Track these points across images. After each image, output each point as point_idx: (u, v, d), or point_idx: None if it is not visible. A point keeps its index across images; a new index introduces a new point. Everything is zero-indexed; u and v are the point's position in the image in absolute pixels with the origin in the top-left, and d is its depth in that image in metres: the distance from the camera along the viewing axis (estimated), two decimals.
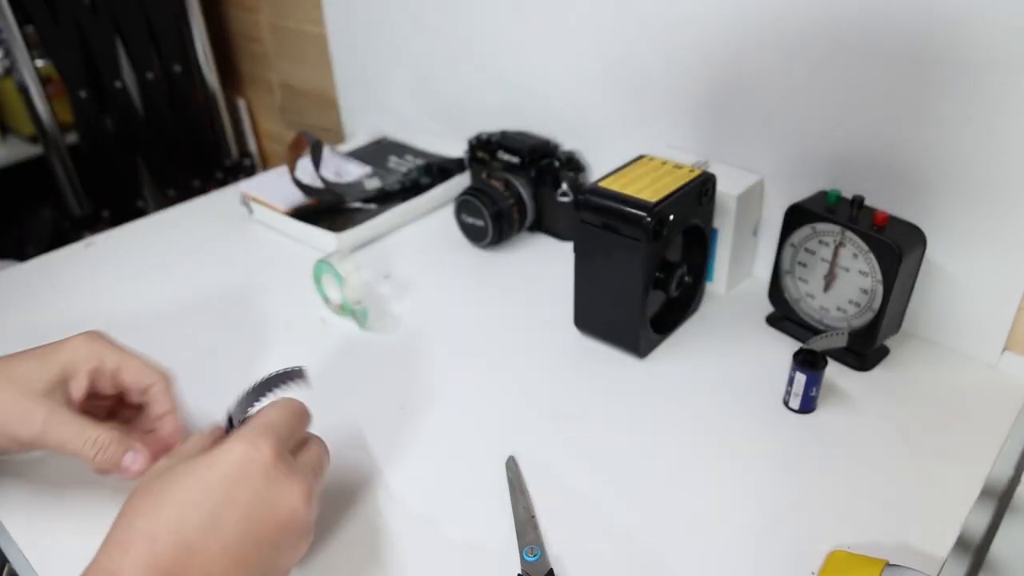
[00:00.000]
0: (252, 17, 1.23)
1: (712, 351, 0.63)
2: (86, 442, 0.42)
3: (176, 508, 0.36)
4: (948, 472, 0.51)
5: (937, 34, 0.53)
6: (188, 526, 0.35)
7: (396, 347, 0.65)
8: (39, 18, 1.14)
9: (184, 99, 1.34)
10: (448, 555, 0.46)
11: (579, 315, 0.64)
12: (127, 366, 0.45)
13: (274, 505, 0.37)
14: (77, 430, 0.42)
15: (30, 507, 0.50)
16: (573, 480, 0.51)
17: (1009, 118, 0.52)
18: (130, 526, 0.35)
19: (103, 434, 0.42)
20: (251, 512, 0.36)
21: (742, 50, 0.64)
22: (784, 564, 0.45)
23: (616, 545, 0.46)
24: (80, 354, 0.44)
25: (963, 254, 0.58)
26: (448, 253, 0.79)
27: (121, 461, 0.43)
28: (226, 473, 0.37)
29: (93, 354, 0.44)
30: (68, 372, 0.44)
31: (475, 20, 0.84)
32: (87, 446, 0.42)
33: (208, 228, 0.85)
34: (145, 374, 0.45)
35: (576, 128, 0.81)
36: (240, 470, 0.37)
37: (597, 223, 0.57)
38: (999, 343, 0.59)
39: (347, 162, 0.92)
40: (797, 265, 0.61)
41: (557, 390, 0.59)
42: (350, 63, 1.05)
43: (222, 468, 0.37)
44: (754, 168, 0.68)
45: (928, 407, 0.57)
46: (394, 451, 0.54)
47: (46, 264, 0.78)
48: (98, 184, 1.29)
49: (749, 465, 0.52)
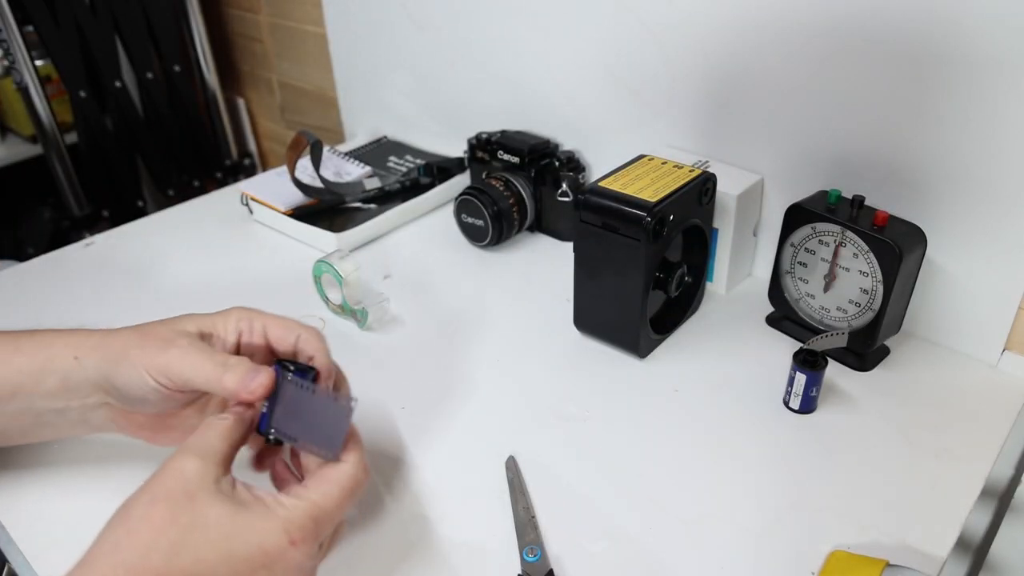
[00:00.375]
0: (252, 17, 1.23)
1: (712, 351, 0.63)
2: (213, 363, 0.42)
3: (190, 567, 0.34)
4: (948, 472, 0.51)
5: (937, 34, 0.53)
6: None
7: (396, 347, 0.65)
8: (39, 18, 1.14)
9: (184, 99, 1.34)
10: (448, 555, 0.46)
11: (579, 315, 0.64)
12: (273, 323, 0.46)
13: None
14: (205, 357, 0.42)
15: (30, 507, 0.50)
16: (573, 480, 0.51)
17: (1009, 118, 0.52)
18: (143, 557, 0.34)
19: (230, 357, 0.42)
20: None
21: (742, 50, 0.64)
22: (784, 564, 0.45)
23: (616, 545, 0.46)
24: (231, 315, 0.46)
25: (963, 254, 0.58)
26: (448, 253, 0.79)
27: (246, 379, 0.41)
28: (249, 556, 0.35)
29: (243, 316, 0.46)
30: (218, 328, 0.45)
31: (475, 20, 0.84)
32: (213, 367, 0.42)
33: (208, 228, 0.85)
34: (291, 327, 0.46)
35: (576, 128, 0.81)
36: (265, 556, 0.35)
37: (597, 223, 0.57)
38: (999, 343, 0.59)
39: (347, 162, 0.92)
40: (797, 265, 0.61)
41: (557, 390, 0.59)
42: (350, 63, 1.05)
43: (247, 550, 0.35)
44: (754, 168, 0.68)
45: (928, 407, 0.57)
46: (394, 451, 0.54)
47: (46, 264, 0.78)
48: (98, 184, 1.29)
49: (749, 465, 0.52)
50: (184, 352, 0.42)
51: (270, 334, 0.45)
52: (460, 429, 0.56)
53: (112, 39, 1.23)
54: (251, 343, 0.45)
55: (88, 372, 0.44)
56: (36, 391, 0.45)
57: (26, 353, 0.45)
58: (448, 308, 0.70)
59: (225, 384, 0.41)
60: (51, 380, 0.44)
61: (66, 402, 0.45)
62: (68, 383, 0.45)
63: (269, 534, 0.36)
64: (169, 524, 0.34)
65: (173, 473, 0.36)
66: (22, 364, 0.45)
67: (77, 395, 0.45)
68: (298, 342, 0.45)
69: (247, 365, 0.42)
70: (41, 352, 0.45)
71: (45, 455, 0.53)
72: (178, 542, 0.34)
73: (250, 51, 1.30)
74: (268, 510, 0.37)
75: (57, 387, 0.45)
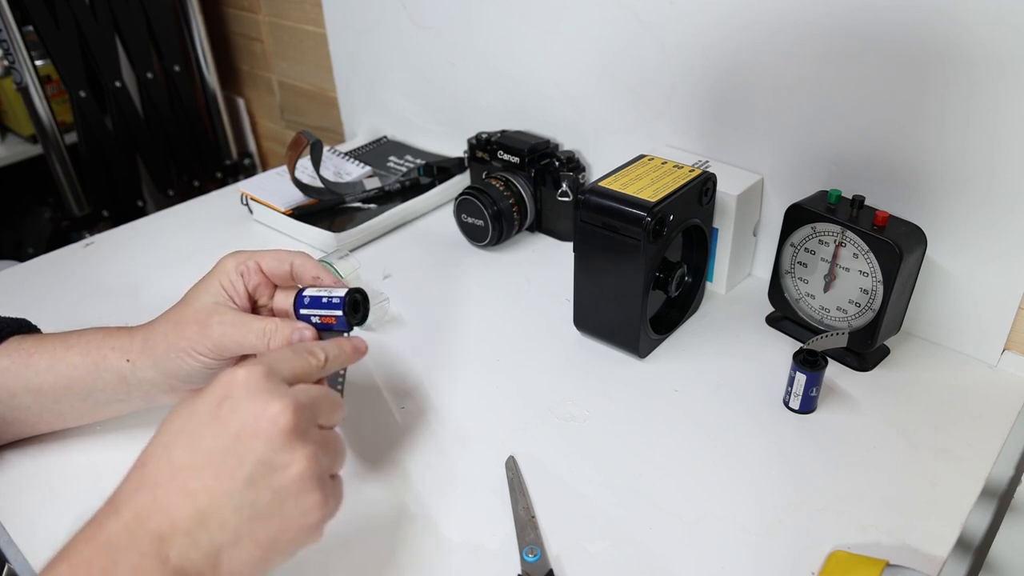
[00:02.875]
0: (252, 16, 1.23)
1: (712, 351, 0.63)
2: (255, 335, 0.45)
3: (163, 435, 0.37)
4: (948, 472, 0.51)
5: (937, 34, 0.53)
6: (176, 450, 0.36)
7: (396, 347, 0.65)
8: (39, 18, 1.14)
9: (184, 99, 1.34)
10: (448, 555, 0.46)
11: (579, 315, 0.64)
12: (265, 256, 0.49)
13: (257, 416, 0.36)
14: (244, 328, 0.46)
15: (30, 507, 0.50)
16: (573, 480, 0.51)
17: (1010, 118, 0.52)
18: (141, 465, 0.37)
19: (268, 323, 0.46)
20: (231, 424, 0.36)
21: (742, 50, 0.64)
22: (784, 564, 0.45)
23: (616, 545, 0.46)
24: (228, 265, 0.49)
25: (963, 254, 0.58)
26: (448, 253, 0.79)
27: (290, 338, 0.45)
28: (210, 395, 0.37)
29: (238, 260, 0.49)
30: (225, 283, 0.49)
31: (474, 20, 0.84)
32: (256, 339, 0.45)
33: (208, 228, 0.85)
34: (282, 255, 0.49)
35: (576, 128, 0.81)
36: (224, 387, 0.37)
37: (597, 223, 0.57)
38: (999, 343, 0.59)
39: (347, 162, 0.92)
40: (797, 265, 0.61)
41: (557, 390, 0.59)
42: (350, 63, 1.05)
43: (207, 391, 0.38)
44: (754, 168, 0.68)
45: (928, 407, 0.56)
46: (394, 451, 0.54)
47: (46, 264, 0.78)
48: (98, 184, 1.29)
49: (749, 465, 0.52)
50: (224, 329, 0.46)
51: (264, 268, 0.49)
52: (460, 429, 0.56)
53: (112, 39, 1.23)
54: (254, 283, 0.49)
55: (144, 373, 0.48)
56: (94, 385, 0.49)
57: (78, 352, 0.49)
58: (448, 308, 0.70)
59: (273, 345, 0.45)
60: (108, 376, 0.49)
61: (127, 394, 0.49)
62: (127, 381, 0.49)
63: (218, 378, 0.38)
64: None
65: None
66: (75, 361, 0.49)
67: (138, 390, 0.49)
68: (293, 269, 0.49)
69: (286, 330, 0.45)
70: (93, 352, 0.49)
71: (45, 454, 0.53)
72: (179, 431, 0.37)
73: (250, 51, 1.30)
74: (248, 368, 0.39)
75: (115, 382, 0.49)
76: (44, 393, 0.49)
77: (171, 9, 1.27)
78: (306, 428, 0.38)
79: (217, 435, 0.36)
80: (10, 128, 1.43)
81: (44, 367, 0.49)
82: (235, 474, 0.35)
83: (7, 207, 1.57)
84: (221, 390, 0.37)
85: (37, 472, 0.52)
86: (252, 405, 0.36)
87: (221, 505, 0.35)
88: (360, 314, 0.47)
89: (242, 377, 0.37)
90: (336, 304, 0.46)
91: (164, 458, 0.36)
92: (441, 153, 0.97)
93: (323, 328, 0.47)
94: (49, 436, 0.54)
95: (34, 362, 0.49)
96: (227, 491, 0.35)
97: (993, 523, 0.58)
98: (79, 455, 0.53)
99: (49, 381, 0.49)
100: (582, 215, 0.58)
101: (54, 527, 0.48)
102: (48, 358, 0.49)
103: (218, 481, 0.35)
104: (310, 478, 0.37)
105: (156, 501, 0.35)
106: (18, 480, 0.52)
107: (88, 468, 0.52)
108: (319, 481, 0.37)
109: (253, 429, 0.36)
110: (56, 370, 0.49)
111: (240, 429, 0.36)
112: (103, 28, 1.21)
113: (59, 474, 0.52)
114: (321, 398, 0.40)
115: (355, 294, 0.47)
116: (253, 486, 0.35)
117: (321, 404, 0.40)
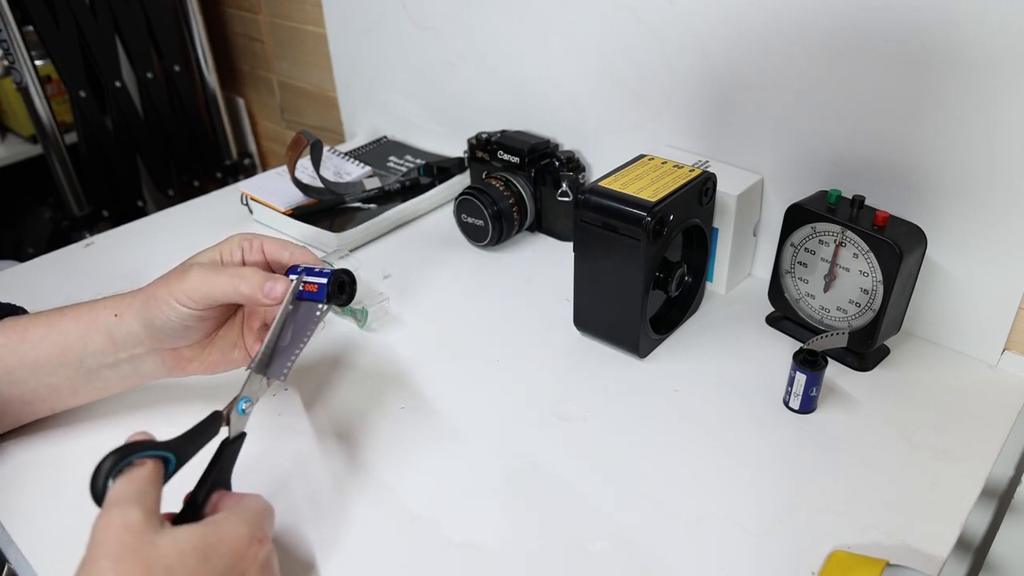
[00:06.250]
0: (252, 17, 1.23)
1: (712, 351, 0.63)
2: (228, 275, 0.47)
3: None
4: (948, 472, 0.51)
5: (937, 34, 0.53)
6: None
7: (396, 347, 0.65)
8: (39, 18, 1.14)
9: (184, 99, 1.34)
10: (448, 555, 0.46)
11: (579, 315, 0.64)
12: (270, 240, 0.52)
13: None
14: (219, 271, 0.48)
15: (30, 507, 0.50)
16: (573, 480, 0.51)
17: (1009, 118, 0.52)
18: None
19: (243, 268, 0.48)
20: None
21: (742, 50, 0.64)
22: (784, 564, 0.45)
23: (616, 545, 0.46)
24: (234, 239, 0.52)
25: (963, 254, 0.58)
26: (448, 253, 0.79)
27: (263, 287, 0.47)
28: (229, 566, 0.37)
29: (244, 236, 0.52)
30: (224, 251, 0.51)
31: (474, 20, 0.84)
32: (229, 278, 0.47)
33: (208, 228, 0.85)
34: (287, 244, 0.52)
35: (576, 128, 0.81)
36: (241, 560, 0.37)
37: (597, 223, 0.57)
38: (999, 343, 0.59)
39: (347, 162, 0.92)
40: (797, 265, 0.61)
41: (557, 390, 0.59)
42: (350, 63, 1.05)
43: (225, 561, 0.37)
44: (754, 168, 0.68)
45: (928, 407, 0.56)
46: (394, 451, 0.54)
47: (46, 264, 0.78)
48: (98, 184, 1.29)
49: (749, 465, 0.52)
50: (201, 274, 0.48)
51: (266, 248, 0.51)
52: (460, 429, 0.56)
53: (112, 39, 1.23)
54: (252, 260, 0.51)
55: (130, 325, 0.50)
56: (85, 350, 0.50)
57: (71, 318, 0.51)
58: (448, 308, 0.70)
59: (241, 291, 0.47)
60: (98, 338, 0.50)
61: (115, 355, 0.50)
62: (114, 338, 0.50)
63: (240, 538, 0.38)
64: (147, 574, 0.34)
65: (121, 528, 0.35)
66: (68, 327, 0.50)
67: (125, 347, 0.50)
68: (291, 258, 0.51)
69: (261, 275, 0.47)
70: (84, 316, 0.50)
71: (45, 454, 0.53)
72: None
73: (250, 51, 1.30)
74: (231, 517, 0.39)
75: (104, 343, 0.50)
76: (40, 365, 0.50)
77: (171, 9, 1.27)
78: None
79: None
80: (10, 128, 1.43)
81: (39, 337, 0.50)
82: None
83: (7, 207, 1.57)
84: (238, 563, 0.37)
85: (37, 471, 0.52)
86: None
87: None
88: (345, 295, 0.49)
89: (260, 553, 0.38)
90: (325, 274, 0.48)
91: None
92: (441, 153, 0.97)
93: (305, 296, 0.48)
94: (49, 436, 0.54)
95: (29, 335, 0.50)
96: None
97: (993, 523, 0.58)
98: (80, 453, 0.53)
99: (44, 351, 0.50)
100: (582, 215, 0.58)
101: (54, 527, 0.48)
102: (43, 328, 0.50)
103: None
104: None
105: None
106: (18, 480, 0.52)
107: (89, 467, 0.52)
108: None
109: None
110: (50, 339, 0.50)
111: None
112: (103, 28, 1.21)
113: (59, 473, 0.52)
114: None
115: (343, 274, 0.49)
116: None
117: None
